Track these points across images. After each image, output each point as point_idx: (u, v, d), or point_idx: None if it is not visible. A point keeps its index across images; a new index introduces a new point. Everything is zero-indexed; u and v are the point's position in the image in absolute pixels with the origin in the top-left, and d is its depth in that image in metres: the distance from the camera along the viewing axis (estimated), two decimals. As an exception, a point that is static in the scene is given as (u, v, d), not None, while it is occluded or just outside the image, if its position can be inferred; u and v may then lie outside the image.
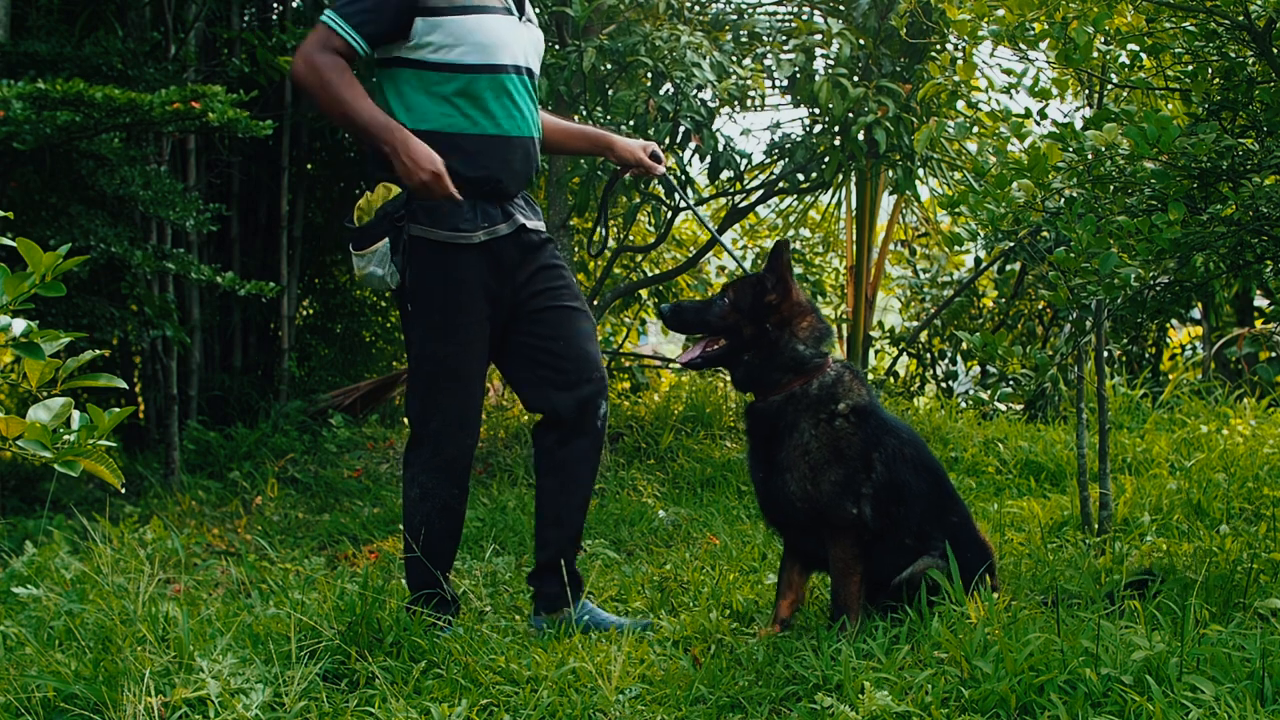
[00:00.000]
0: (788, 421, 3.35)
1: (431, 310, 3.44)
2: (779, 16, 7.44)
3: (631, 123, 6.11)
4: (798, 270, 10.29)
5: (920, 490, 3.38)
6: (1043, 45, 3.56)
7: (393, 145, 3.32)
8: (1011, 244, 7.52)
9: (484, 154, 3.45)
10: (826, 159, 6.42)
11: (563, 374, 3.62)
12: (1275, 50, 3.27)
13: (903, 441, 3.40)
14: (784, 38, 7.00)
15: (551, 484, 3.66)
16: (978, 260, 9.52)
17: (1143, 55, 3.59)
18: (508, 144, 3.49)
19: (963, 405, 8.00)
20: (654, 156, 3.87)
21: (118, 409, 2.36)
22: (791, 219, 10.12)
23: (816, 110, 6.58)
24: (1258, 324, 8.97)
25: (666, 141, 6.30)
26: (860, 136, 6.24)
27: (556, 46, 6.42)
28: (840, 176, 7.47)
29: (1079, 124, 3.42)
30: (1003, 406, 8.02)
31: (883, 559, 3.34)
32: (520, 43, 3.53)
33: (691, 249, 10.14)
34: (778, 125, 7.05)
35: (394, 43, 3.41)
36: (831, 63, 6.50)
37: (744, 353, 3.42)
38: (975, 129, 5.19)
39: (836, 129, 6.28)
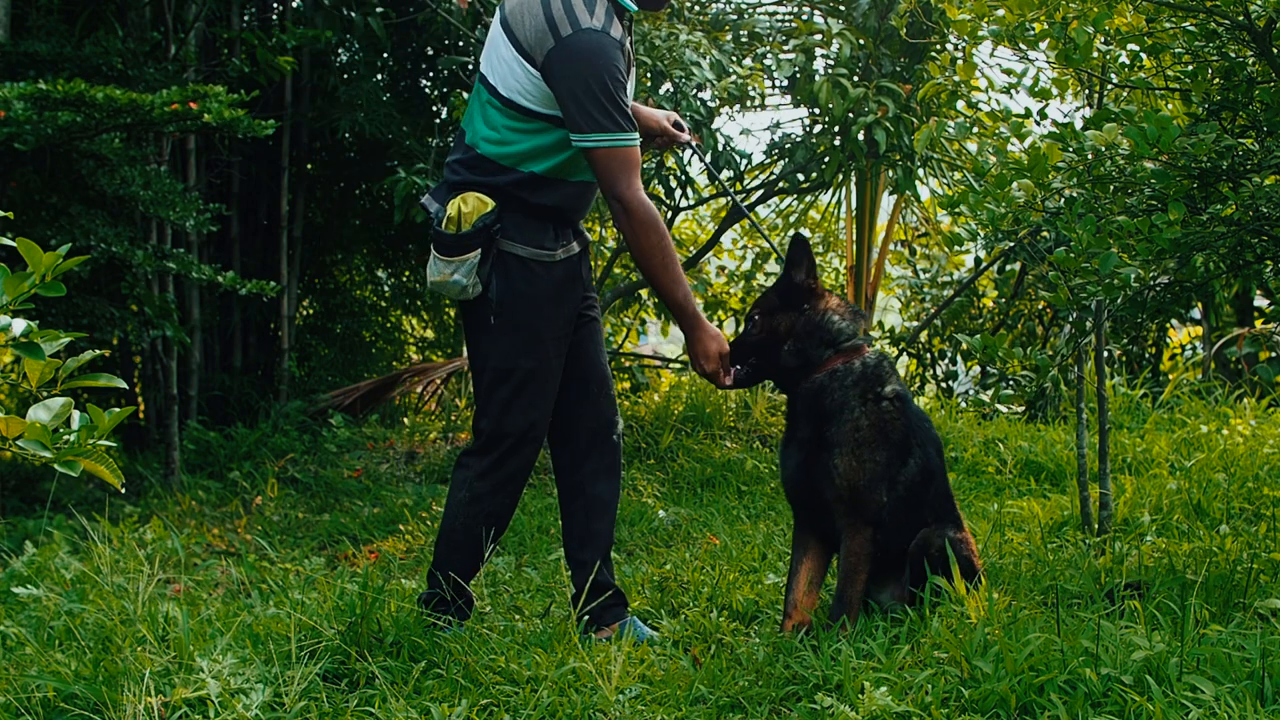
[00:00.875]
0: (835, 400, 3.37)
1: (519, 324, 3.46)
2: (779, 16, 7.44)
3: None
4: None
5: (941, 469, 3.50)
6: (1043, 45, 3.56)
7: (693, 330, 3.46)
8: (1011, 244, 7.52)
9: (571, 195, 3.52)
10: (826, 159, 6.42)
11: (586, 388, 3.65)
12: (1275, 50, 3.27)
13: (927, 424, 3.50)
14: (784, 38, 7.00)
15: (576, 508, 3.68)
16: (978, 260, 9.52)
17: (1143, 55, 3.59)
18: (591, 188, 3.58)
19: (963, 405, 8.00)
20: (676, 125, 3.86)
21: (118, 409, 2.36)
22: (791, 219, 10.12)
23: (816, 110, 6.58)
24: (1258, 324, 8.97)
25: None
26: (860, 136, 6.24)
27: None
28: (840, 176, 7.46)
29: (1079, 124, 3.42)
30: (1003, 407, 8.02)
31: (905, 535, 3.41)
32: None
33: (691, 249, 10.14)
34: (778, 125, 7.05)
35: None
36: (831, 63, 6.50)
37: (784, 343, 3.44)
38: (975, 129, 5.19)
39: (836, 129, 6.28)
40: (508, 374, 3.48)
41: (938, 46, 6.39)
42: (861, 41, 6.41)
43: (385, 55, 8.98)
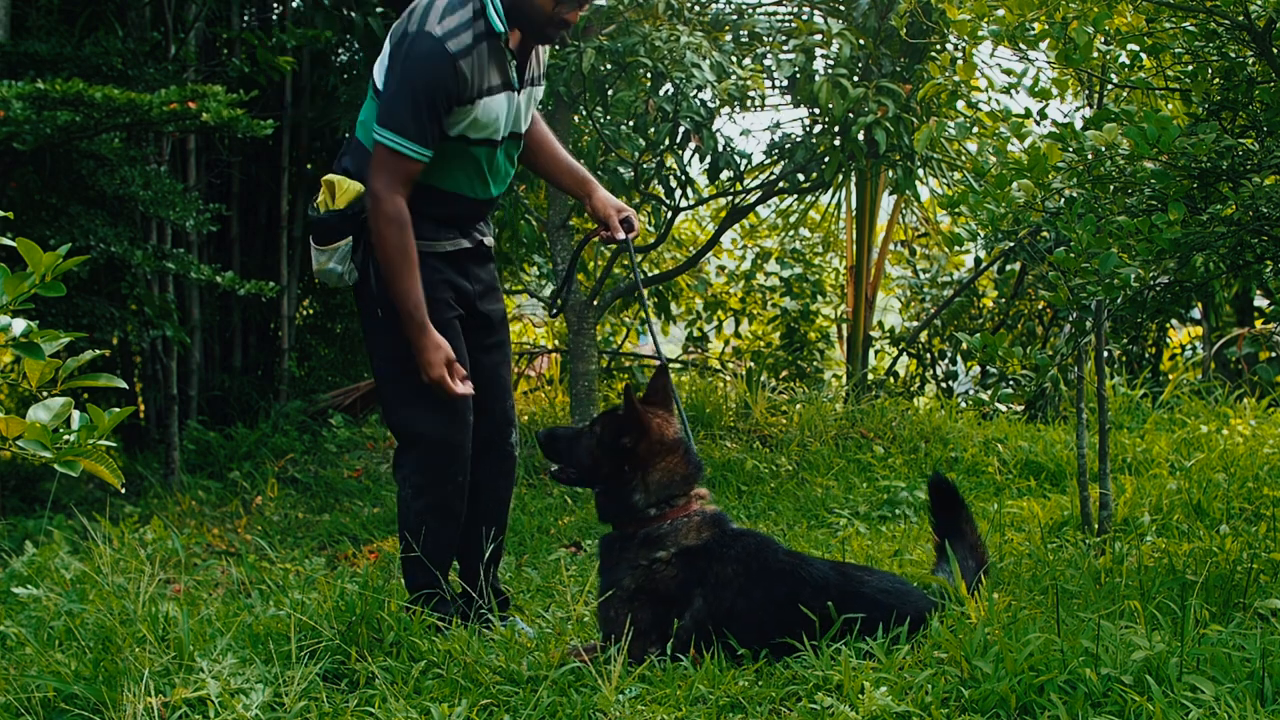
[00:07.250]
0: (613, 559, 3.31)
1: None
2: (779, 16, 7.44)
3: (631, 123, 6.11)
4: (797, 270, 10.27)
5: (754, 606, 3.20)
6: (1043, 45, 3.56)
7: (416, 339, 3.40)
8: (1011, 244, 7.53)
9: (459, 207, 3.57)
10: (826, 159, 6.42)
11: (478, 398, 3.62)
12: (1275, 50, 3.27)
13: (727, 561, 3.24)
14: (784, 38, 7.00)
15: (467, 512, 3.67)
16: (978, 260, 9.53)
17: (1143, 55, 3.59)
18: (483, 204, 3.62)
19: (963, 405, 8.00)
20: (626, 221, 3.79)
21: (118, 409, 2.36)
22: (791, 219, 10.12)
23: (816, 110, 6.57)
24: (1258, 324, 8.98)
25: (667, 142, 6.29)
26: (860, 136, 6.24)
27: (557, 47, 6.41)
28: (840, 176, 7.46)
29: (1079, 124, 3.42)
30: (1003, 407, 8.02)
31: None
32: (514, 114, 3.56)
33: (691, 249, 10.14)
34: (778, 125, 7.06)
35: None
36: (831, 63, 6.50)
37: (600, 484, 3.38)
38: (975, 129, 5.19)
39: (836, 129, 6.28)
40: (400, 366, 3.48)
41: (938, 46, 6.39)
42: (861, 41, 6.41)
43: (385, 55, 8.97)
